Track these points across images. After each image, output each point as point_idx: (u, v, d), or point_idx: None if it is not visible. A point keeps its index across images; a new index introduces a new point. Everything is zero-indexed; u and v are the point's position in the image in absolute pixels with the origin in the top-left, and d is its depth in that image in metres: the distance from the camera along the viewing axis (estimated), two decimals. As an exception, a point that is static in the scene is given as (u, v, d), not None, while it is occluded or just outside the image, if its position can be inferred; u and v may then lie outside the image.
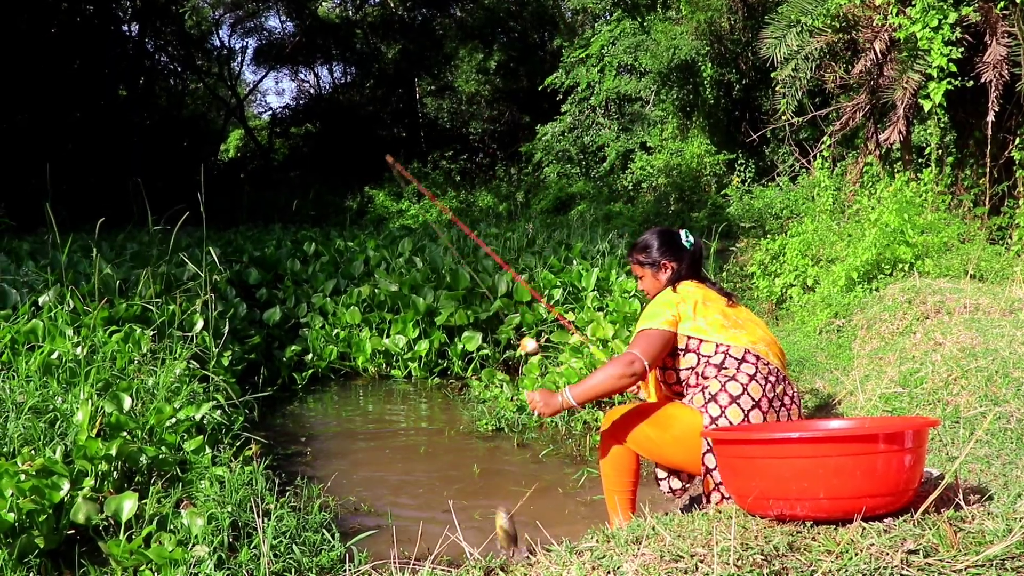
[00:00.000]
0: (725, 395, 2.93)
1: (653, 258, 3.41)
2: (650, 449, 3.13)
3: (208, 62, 27.15)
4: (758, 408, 2.91)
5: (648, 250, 3.43)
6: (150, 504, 3.32)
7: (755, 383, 2.95)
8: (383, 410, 6.28)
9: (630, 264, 3.53)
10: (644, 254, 3.44)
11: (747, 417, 2.89)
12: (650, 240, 3.46)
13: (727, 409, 2.90)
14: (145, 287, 6.03)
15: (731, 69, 14.14)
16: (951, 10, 7.33)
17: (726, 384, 2.96)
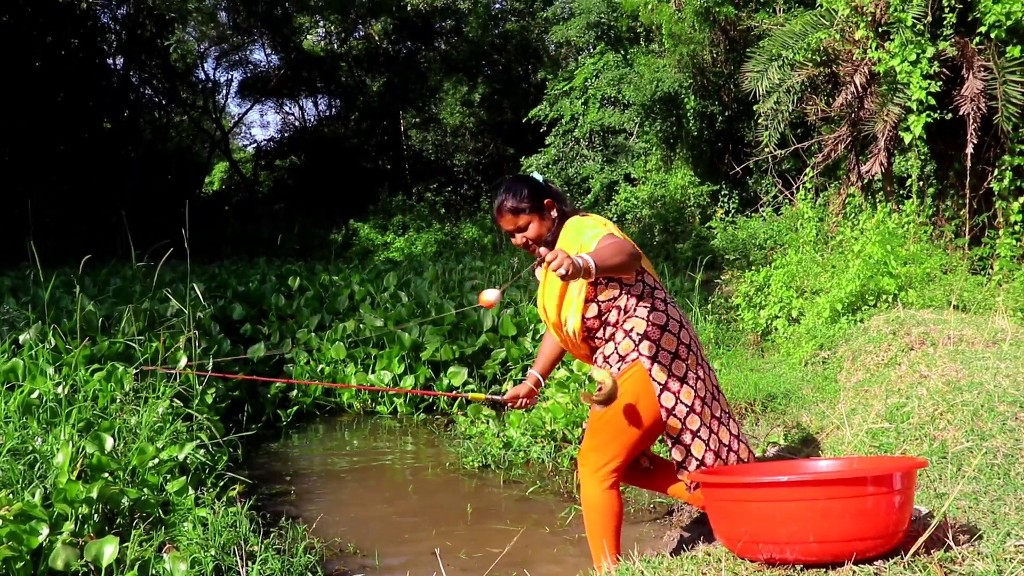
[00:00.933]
0: (653, 328, 3.01)
1: (532, 201, 3.12)
2: (614, 454, 3.01)
3: (193, 95, 27.15)
4: (687, 331, 3.08)
5: (522, 195, 3.13)
6: (131, 548, 3.27)
7: (673, 308, 3.11)
8: (368, 447, 6.23)
9: (502, 224, 3.20)
10: (520, 200, 3.12)
11: (680, 343, 3.01)
12: (517, 187, 3.17)
13: (661, 340, 2.99)
14: (128, 324, 5.98)
15: (714, 101, 14.26)
16: (929, 44, 7.43)
17: (650, 316, 3.03)
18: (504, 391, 6.63)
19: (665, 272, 10.36)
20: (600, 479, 3.06)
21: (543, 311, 3.23)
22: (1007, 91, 7.14)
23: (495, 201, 3.22)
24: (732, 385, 5.80)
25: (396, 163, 26.54)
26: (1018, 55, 7.17)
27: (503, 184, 3.26)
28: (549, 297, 3.14)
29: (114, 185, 20.08)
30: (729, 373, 6.21)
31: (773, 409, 5.53)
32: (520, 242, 3.19)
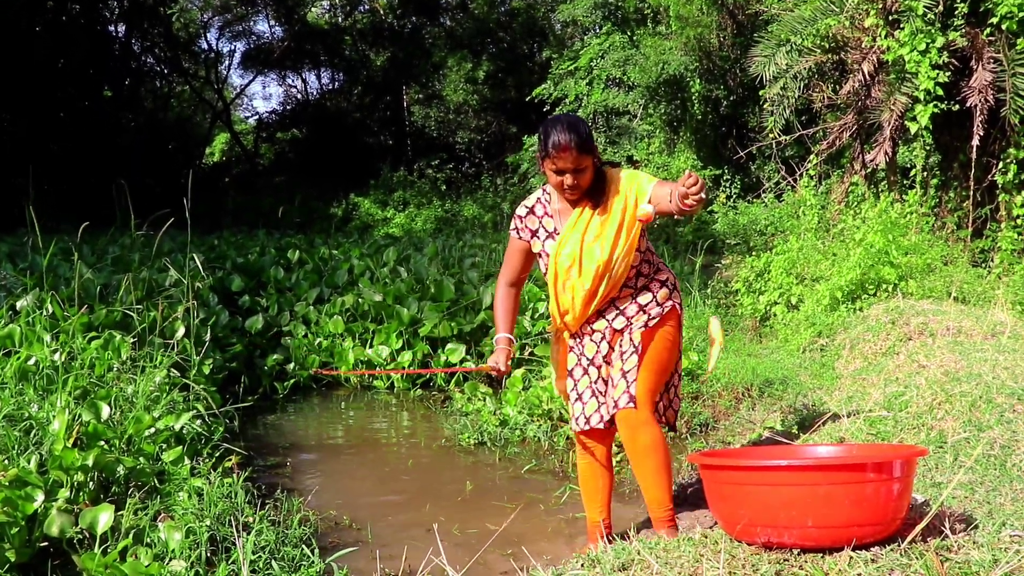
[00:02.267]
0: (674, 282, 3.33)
1: (593, 143, 3.12)
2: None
3: (195, 65, 27.01)
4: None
5: (586, 133, 3.08)
6: (127, 517, 3.26)
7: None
8: (365, 422, 6.23)
9: (562, 161, 3.04)
10: (586, 137, 3.06)
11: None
12: (580, 124, 3.09)
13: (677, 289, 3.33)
14: (126, 293, 5.96)
15: (719, 85, 14.20)
16: (939, 34, 7.39)
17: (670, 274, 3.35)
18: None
19: (665, 255, 10.35)
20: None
21: (584, 253, 3.12)
22: (1016, 84, 7.11)
23: (553, 136, 3.03)
24: (729, 370, 5.80)
25: (398, 139, 26.45)
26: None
27: (558, 121, 3.10)
28: (604, 239, 3.10)
29: (114, 154, 20.00)
30: (727, 358, 6.21)
31: (770, 395, 5.53)
32: (570, 184, 3.08)
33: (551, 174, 3.11)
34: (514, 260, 3.40)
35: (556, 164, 3.06)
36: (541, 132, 3.12)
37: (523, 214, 3.32)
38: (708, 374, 3.15)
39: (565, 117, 3.14)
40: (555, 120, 3.13)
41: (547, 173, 3.14)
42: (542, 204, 3.32)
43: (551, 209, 3.28)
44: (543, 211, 3.30)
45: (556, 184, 3.13)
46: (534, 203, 3.33)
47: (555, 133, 3.03)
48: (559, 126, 3.05)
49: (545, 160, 3.10)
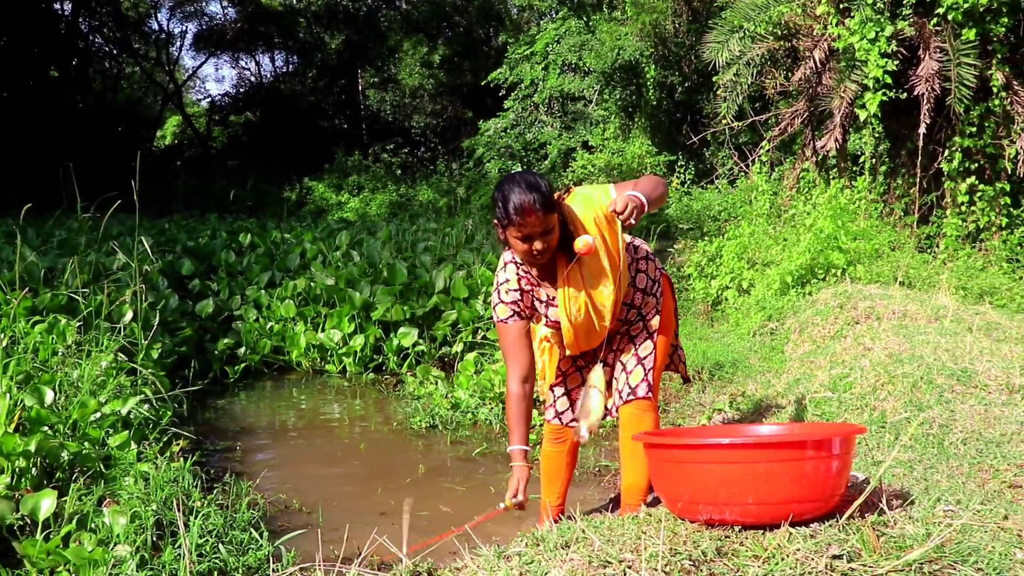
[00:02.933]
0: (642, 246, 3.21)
1: (553, 198, 2.77)
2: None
3: (145, 45, 26.50)
4: None
5: (547, 189, 2.74)
6: (70, 502, 3.21)
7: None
8: (316, 405, 6.20)
9: (529, 225, 2.71)
10: (549, 194, 2.74)
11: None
12: (537, 180, 2.75)
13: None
14: (72, 276, 5.85)
15: (674, 71, 14.27)
16: (888, 23, 7.50)
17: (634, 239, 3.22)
18: (454, 353, 6.63)
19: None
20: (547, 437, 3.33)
21: (593, 300, 2.92)
22: (961, 73, 7.24)
23: (514, 198, 2.70)
24: (681, 353, 5.85)
25: (353, 123, 26.24)
26: (973, 38, 7.26)
27: (514, 182, 2.75)
28: (602, 275, 2.88)
29: (61, 136, 19.56)
30: (678, 341, 6.26)
31: (720, 377, 5.60)
32: (540, 248, 2.75)
33: (516, 242, 2.78)
34: (520, 348, 3.02)
35: (522, 231, 2.73)
36: (498, 197, 2.77)
37: (515, 298, 2.99)
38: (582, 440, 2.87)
39: (520, 176, 2.79)
40: (511, 180, 2.77)
41: (511, 242, 2.81)
42: (523, 278, 3.00)
43: (534, 278, 3.00)
44: (529, 284, 3.00)
45: (524, 252, 2.79)
46: (517, 281, 3.00)
47: (515, 195, 2.70)
48: (517, 188, 2.72)
49: (508, 228, 2.77)
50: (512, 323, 3.00)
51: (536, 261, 2.84)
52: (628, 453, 3.11)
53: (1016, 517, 2.40)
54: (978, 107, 7.53)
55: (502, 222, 2.79)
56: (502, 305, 3.01)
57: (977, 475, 2.92)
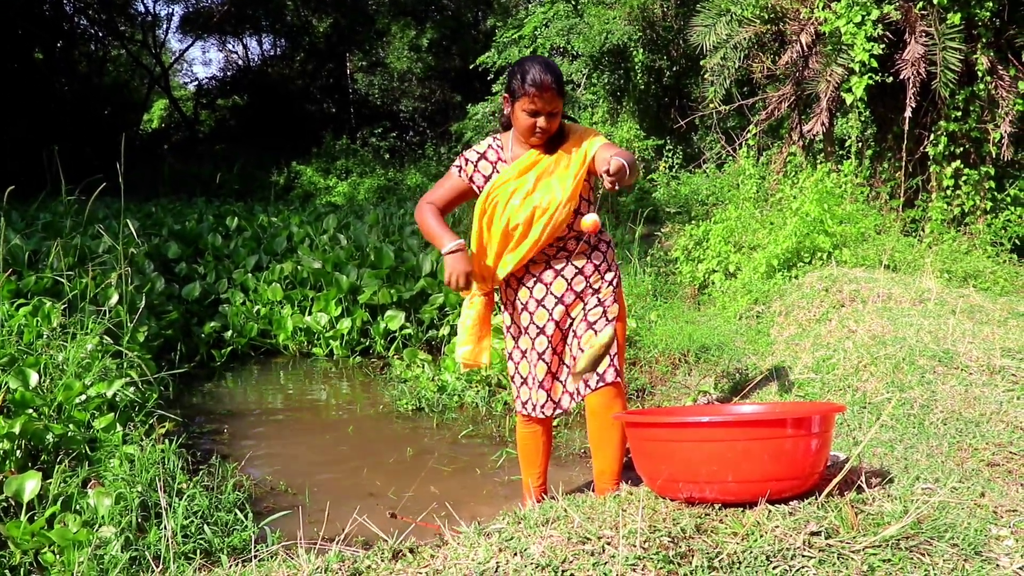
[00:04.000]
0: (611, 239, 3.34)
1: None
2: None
3: (132, 28, 26.27)
4: None
5: (561, 75, 3.04)
6: (55, 484, 3.22)
7: None
8: (303, 389, 6.20)
9: (542, 102, 2.96)
10: (562, 79, 3.04)
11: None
12: (555, 66, 3.03)
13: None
14: (57, 259, 5.83)
15: (662, 56, 14.25)
16: (874, 7, 7.50)
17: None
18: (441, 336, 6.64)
19: (607, 223, 10.39)
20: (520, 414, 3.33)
21: (536, 192, 3.05)
22: (946, 57, 7.26)
23: (532, 73, 2.93)
24: (667, 336, 5.88)
25: (341, 107, 26.13)
26: (958, 22, 7.27)
27: (536, 60, 3.00)
28: (557, 180, 3.04)
29: (46, 119, 19.41)
30: (665, 325, 6.29)
31: (706, 360, 5.63)
32: (543, 126, 2.99)
33: (522, 115, 2.99)
34: (448, 193, 3.23)
35: (534, 104, 2.95)
36: (516, 70, 3.00)
37: (474, 158, 3.19)
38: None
39: (541, 58, 3.05)
40: (532, 59, 3.02)
41: (516, 114, 3.02)
42: (494, 150, 3.19)
43: (505, 155, 3.16)
44: (496, 156, 3.18)
45: (527, 126, 3.01)
46: (485, 148, 3.20)
47: (534, 71, 2.94)
48: (538, 65, 2.96)
49: (520, 99, 2.98)
50: (455, 173, 3.22)
51: (535, 139, 3.04)
52: (598, 440, 3.12)
53: (992, 495, 2.43)
54: (963, 91, 7.56)
55: (515, 94, 2.99)
56: (459, 158, 3.24)
57: (956, 454, 2.95)
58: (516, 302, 3.22)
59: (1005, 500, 2.39)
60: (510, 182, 3.08)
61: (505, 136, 3.20)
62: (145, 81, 26.77)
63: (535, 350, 3.17)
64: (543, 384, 3.16)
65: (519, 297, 3.21)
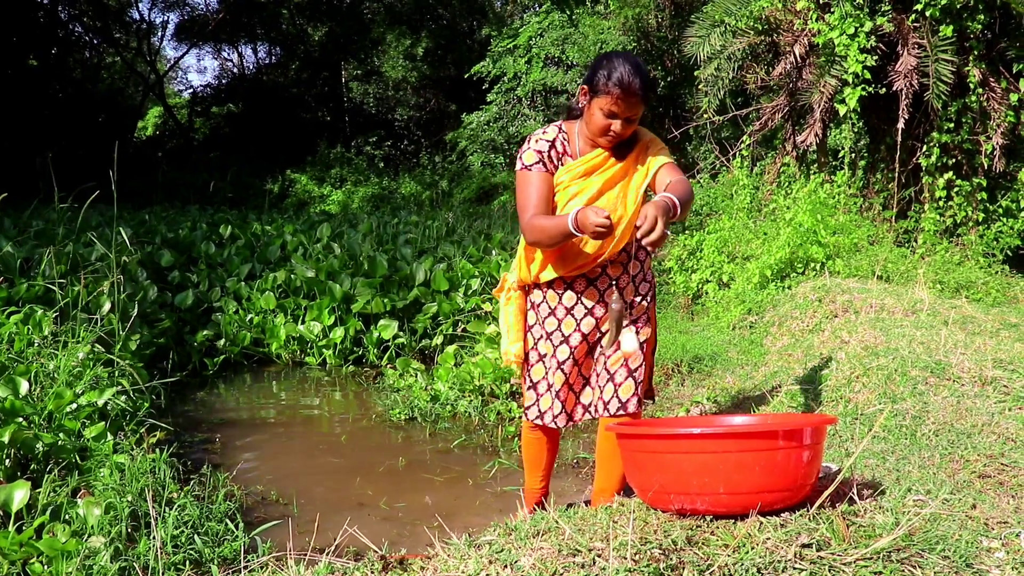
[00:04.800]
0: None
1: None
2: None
3: (126, 35, 26.27)
4: None
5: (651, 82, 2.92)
6: (44, 493, 3.20)
7: None
8: (296, 398, 6.19)
9: (626, 106, 2.75)
10: (651, 85, 2.93)
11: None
12: (649, 74, 2.83)
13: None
14: (49, 267, 5.81)
15: (656, 66, 14.29)
16: (867, 19, 7.54)
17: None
18: (434, 346, 6.64)
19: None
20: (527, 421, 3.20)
21: (610, 203, 2.88)
22: (938, 69, 7.29)
23: (620, 72, 2.72)
24: (661, 346, 5.88)
25: (336, 115, 26.15)
26: (950, 35, 7.31)
27: (626, 58, 2.77)
28: (629, 193, 2.90)
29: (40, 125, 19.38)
30: (659, 335, 6.29)
31: (699, 370, 5.63)
32: (618, 130, 2.79)
33: (599, 113, 2.78)
34: (542, 194, 2.88)
35: (616, 106, 2.74)
36: (604, 65, 2.77)
37: (545, 148, 2.90)
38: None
39: (632, 57, 2.80)
40: (622, 56, 2.78)
41: (592, 110, 2.81)
42: (561, 142, 2.95)
43: (571, 149, 2.95)
44: (563, 148, 2.95)
45: (601, 127, 2.81)
46: (554, 137, 2.94)
47: (622, 70, 2.72)
48: (628, 64, 2.73)
49: (599, 96, 2.76)
50: (536, 170, 2.89)
51: (605, 141, 2.84)
52: (606, 460, 3.05)
53: (984, 506, 2.43)
54: (955, 103, 7.59)
55: (596, 89, 2.77)
56: (530, 152, 2.91)
57: (948, 465, 2.95)
58: (544, 304, 3.06)
59: (996, 512, 2.39)
60: (575, 182, 2.90)
61: (570, 126, 2.99)
62: (140, 88, 26.75)
63: (555, 358, 3.02)
64: (558, 394, 3.02)
65: (547, 300, 3.04)
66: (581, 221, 2.59)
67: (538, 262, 2.99)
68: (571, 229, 2.64)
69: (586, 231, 2.59)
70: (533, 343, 3.10)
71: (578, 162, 2.90)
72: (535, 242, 2.85)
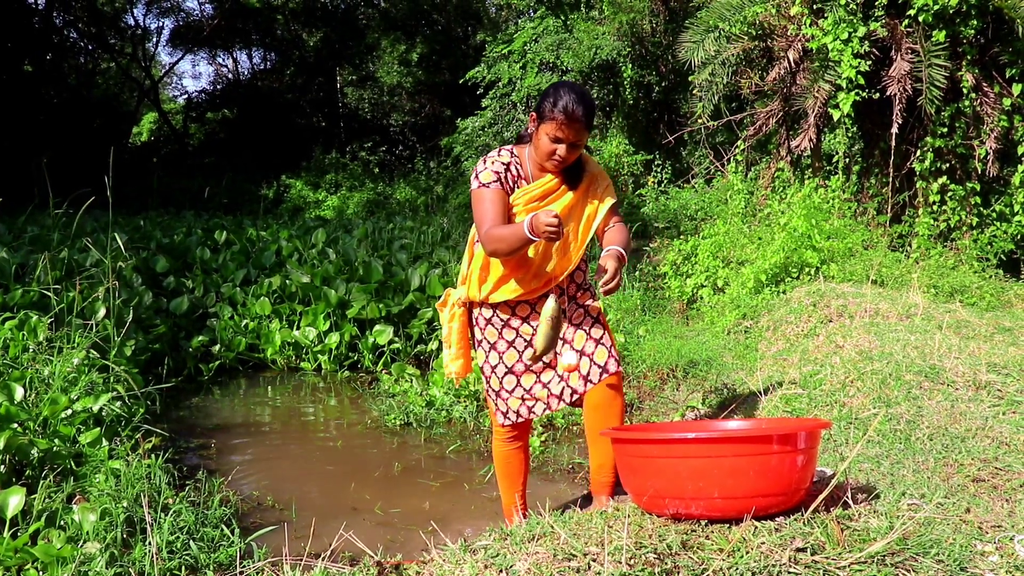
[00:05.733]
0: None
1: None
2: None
3: (121, 41, 26.26)
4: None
5: (595, 110, 3.01)
6: (39, 499, 3.20)
7: None
8: (291, 403, 6.19)
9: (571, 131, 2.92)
10: (594, 114, 3.02)
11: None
12: (590, 98, 2.99)
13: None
14: (44, 272, 5.80)
15: (651, 71, 14.31)
16: (860, 24, 7.56)
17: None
18: (429, 351, 6.64)
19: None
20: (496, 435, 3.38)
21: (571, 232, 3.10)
22: (932, 74, 7.31)
23: (566, 100, 2.89)
24: (655, 351, 5.89)
25: (331, 120, 26.16)
26: (943, 40, 7.33)
27: (572, 87, 2.96)
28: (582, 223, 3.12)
29: (34, 131, 19.36)
30: (653, 339, 6.31)
31: (694, 375, 5.64)
32: (562, 155, 2.95)
33: (545, 139, 2.95)
34: (498, 210, 3.01)
35: (560, 132, 2.91)
36: (550, 93, 2.95)
37: (500, 169, 3.06)
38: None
39: (577, 87, 3.00)
40: (568, 85, 2.97)
41: (539, 136, 2.97)
42: (515, 166, 3.11)
43: (523, 172, 3.12)
44: (517, 172, 3.11)
45: (546, 151, 2.97)
46: (508, 161, 3.10)
47: (568, 98, 2.89)
48: (574, 93, 2.92)
49: (545, 123, 2.93)
50: (494, 188, 3.03)
51: (551, 165, 3.00)
52: (593, 435, 3.16)
53: (978, 510, 2.44)
54: (949, 108, 7.61)
55: (543, 115, 2.94)
56: (488, 171, 3.06)
57: (942, 470, 2.96)
58: (490, 325, 3.20)
59: (990, 516, 2.39)
60: (531, 204, 3.05)
61: (521, 150, 3.16)
62: (134, 94, 26.74)
63: (503, 364, 3.18)
64: (516, 392, 3.18)
65: (493, 319, 3.19)
66: (534, 223, 2.76)
67: (490, 283, 3.12)
68: (527, 233, 2.79)
69: (538, 232, 2.75)
70: (484, 356, 3.22)
71: (533, 186, 3.08)
72: (494, 251, 2.97)
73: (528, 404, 3.18)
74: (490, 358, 3.20)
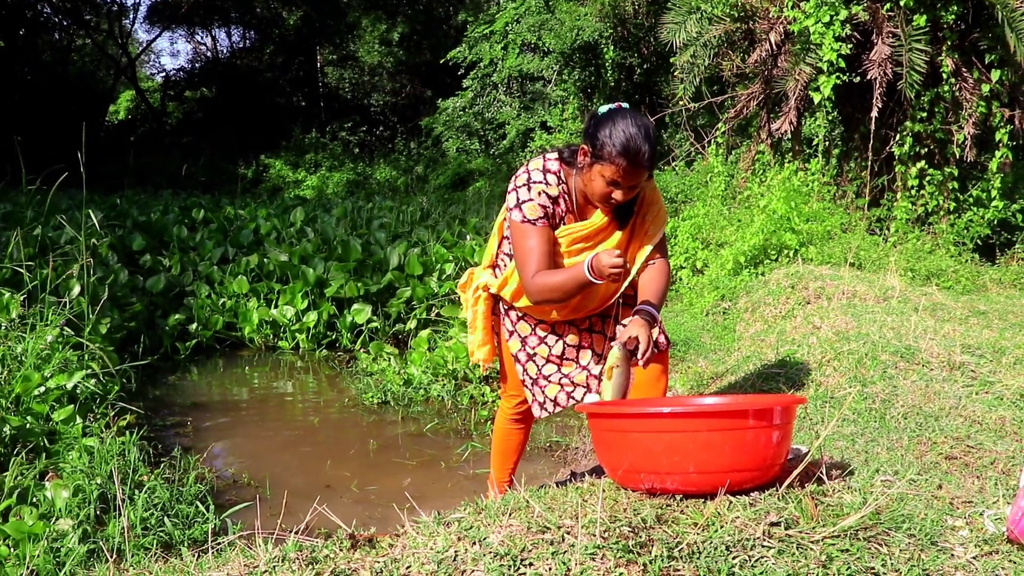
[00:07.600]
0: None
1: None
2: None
3: (97, 17, 25.91)
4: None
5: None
6: (11, 476, 3.17)
7: None
8: (268, 382, 6.15)
9: (631, 177, 2.56)
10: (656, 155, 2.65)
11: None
12: (654, 138, 2.59)
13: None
14: (17, 249, 5.73)
15: (633, 53, 14.28)
16: (842, 7, 7.56)
17: None
18: (407, 330, 6.63)
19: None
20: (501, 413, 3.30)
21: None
22: (912, 58, 7.33)
23: (629, 140, 2.49)
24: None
25: (311, 100, 25.98)
26: (923, 24, 7.35)
27: (636, 123, 2.53)
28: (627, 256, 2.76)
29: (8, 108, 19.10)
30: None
31: (673, 356, 5.65)
32: (619, 199, 2.60)
33: (599, 180, 2.58)
34: (547, 250, 2.70)
35: (617, 176, 2.54)
36: (609, 128, 2.53)
37: (547, 204, 2.71)
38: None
39: (639, 119, 2.56)
40: (630, 116, 2.55)
41: (592, 175, 2.60)
42: (565, 199, 2.76)
43: (570, 205, 2.78)
44: (565, 207, 2.77)
45: (602, 194, 2.61)
46: (558, 194, 2.74)
47: (630, 137, 2.50)
48: (634, 129, 2.51)
49: (601, 163, 2.55)
50: (541, 225, 2.69)
51: (606, 207, 2.68)
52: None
53: (949, 486, 2.46)
54: (928, 93, 7.65)
55: (599, 155, 2.55)
56: (533, 205, 2.69)
57: (916, 447, 2.98)
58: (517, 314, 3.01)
59: (961, 492, 2.42)
60: (576, 244, 2.77)
61: (568, 175, 2.77)
62: (111, 72, 26.42)
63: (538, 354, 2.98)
64: (550, 379, 2.96)
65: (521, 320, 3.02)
66: (596, 266, 2.50)
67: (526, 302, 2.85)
68: (587, 276, 2.54)
69: (602, 276, 2.50)
70: (520, 344, 3.01)
71: (580, 225, 2.76)
72: (544, 301, 2.72)
73: (567, 390, 2.92)
74: (527, 345, 2.99)
